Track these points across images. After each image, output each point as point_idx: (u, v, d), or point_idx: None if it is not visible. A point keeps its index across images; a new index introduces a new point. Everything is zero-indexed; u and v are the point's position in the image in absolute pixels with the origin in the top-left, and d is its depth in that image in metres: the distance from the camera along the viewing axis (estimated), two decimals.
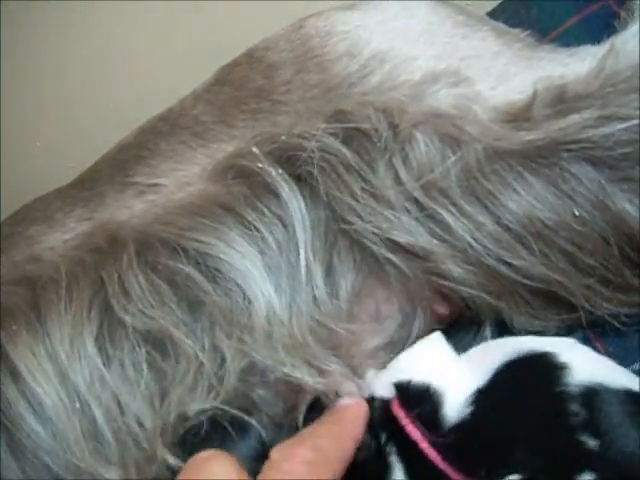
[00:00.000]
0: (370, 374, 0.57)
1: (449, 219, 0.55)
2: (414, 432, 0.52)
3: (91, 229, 0.62)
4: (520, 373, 0.54)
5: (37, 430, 0.54)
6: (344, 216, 0.56)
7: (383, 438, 0.54)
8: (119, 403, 0.55)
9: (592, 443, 0.49)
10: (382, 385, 0.55)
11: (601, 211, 0.54)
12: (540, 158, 0.55)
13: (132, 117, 0.71)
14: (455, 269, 0.56)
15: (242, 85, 0.63)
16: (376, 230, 0.56)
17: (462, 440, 0.52)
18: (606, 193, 0.54)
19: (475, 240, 0.55)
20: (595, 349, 0.60)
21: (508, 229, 0.55)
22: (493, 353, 0.55)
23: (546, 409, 0.52)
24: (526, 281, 0.55)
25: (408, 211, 0.56)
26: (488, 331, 0.60)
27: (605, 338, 0.60)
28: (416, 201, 0.56)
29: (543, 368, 0.53)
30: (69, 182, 0.68)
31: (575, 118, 0.54)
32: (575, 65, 0.59)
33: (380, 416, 0.54)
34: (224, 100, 0.64)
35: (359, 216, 0.56)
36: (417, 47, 0.60)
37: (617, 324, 0.58)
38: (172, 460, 0.54)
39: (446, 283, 0.56)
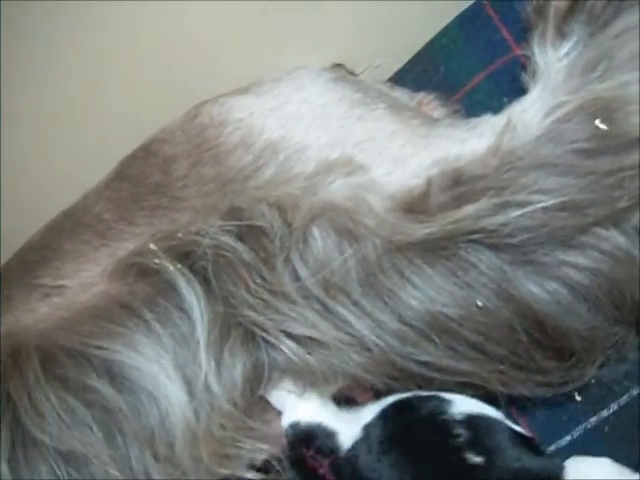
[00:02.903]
0: None
1: (350, 317, 0.54)
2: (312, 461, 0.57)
3: None
4: (405, 407, 0.56)
5: None
6: (238, 309, 0.55)
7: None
8: None
9: (477, 459, 0.53)
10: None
11: (505, 300, 0.53)
12: (438, 250, 0.53)
13: (133, 117, 0.70)
14: (359, 361, 0.54)
15: (141, 181, 0.62)
16: (269, 322, 0.54)
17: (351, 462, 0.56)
18: (509, 279, 0.53)
19: (378, 338, 0.53)
20: (519, 425, 0.59)
21: (411, 326, 0.53)
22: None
23: (432, 432, 0.55)
24: (436, 374, 0.54)
25: (309, 305, 0.54)
26: None
27: (529, 416, 0.59)
28: (316, 298, 0.54)
29: (428, 401, 0.56)
30: None
31: (470, 209, 0.52)
32: (473, 142, 0.57)
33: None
34: (124, 197, 0.62)
35: (253, 308, 0.54)
36: (310, 134, 0.58)
37: (529, 405, 0.57)
38: None
39: (352, 374, 0.55)
